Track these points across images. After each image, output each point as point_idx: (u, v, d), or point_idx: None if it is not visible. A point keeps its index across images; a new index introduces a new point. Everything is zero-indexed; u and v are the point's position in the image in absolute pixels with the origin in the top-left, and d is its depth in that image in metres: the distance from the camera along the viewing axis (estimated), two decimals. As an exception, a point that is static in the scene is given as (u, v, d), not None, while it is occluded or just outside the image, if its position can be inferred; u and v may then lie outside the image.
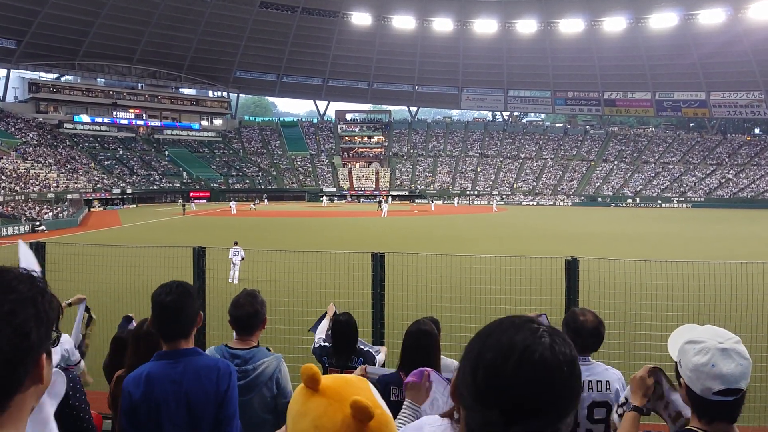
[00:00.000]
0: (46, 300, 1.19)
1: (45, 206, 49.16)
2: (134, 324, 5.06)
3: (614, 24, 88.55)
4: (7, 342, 1.06)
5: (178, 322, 2.88)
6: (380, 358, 5.34)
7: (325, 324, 5.38)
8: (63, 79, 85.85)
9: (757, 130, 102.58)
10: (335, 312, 5.26)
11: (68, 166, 70.26)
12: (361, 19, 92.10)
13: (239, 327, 3.64)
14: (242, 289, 3.79)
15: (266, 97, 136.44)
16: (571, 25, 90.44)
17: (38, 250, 7.94)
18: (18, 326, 1.08)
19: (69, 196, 57.02)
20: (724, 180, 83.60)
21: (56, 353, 4.56)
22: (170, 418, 2.76)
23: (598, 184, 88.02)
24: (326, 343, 5.23)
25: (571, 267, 6.51)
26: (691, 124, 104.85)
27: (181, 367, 2.81)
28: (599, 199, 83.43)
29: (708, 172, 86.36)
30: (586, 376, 3.46)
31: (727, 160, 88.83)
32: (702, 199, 78.55)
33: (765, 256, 20.71)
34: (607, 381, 3.51)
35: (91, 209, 60.83)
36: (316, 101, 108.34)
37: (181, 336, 2.89)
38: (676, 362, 1.94)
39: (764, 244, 28.36)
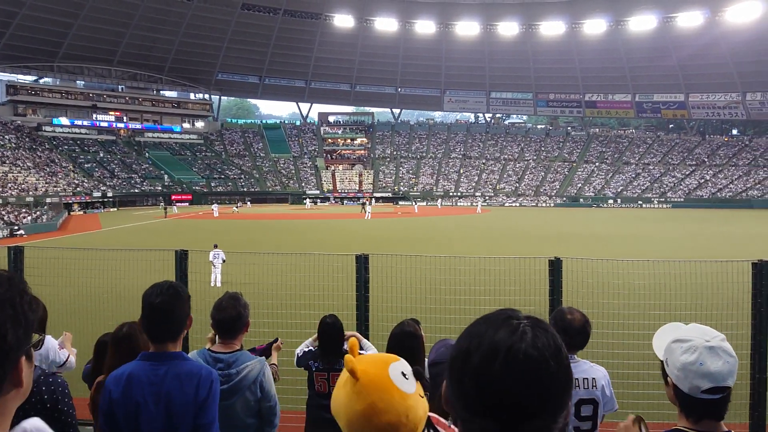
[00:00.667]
0: (24, 301, 1.15)
1: (24, 210, 48.46)
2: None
3: (594, 26, 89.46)
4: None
5: (166, 324, 2.84)
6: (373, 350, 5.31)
7: (308, 342, 5.36)
8: (42, 81, 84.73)
9: (734, 131, 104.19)
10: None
11: (47, 169, 69.35)
12: (343, 21, 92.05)
13: (222, 330, 3.60)
14: (225, 292, 3.76)
15: (248, 100, 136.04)
16: (552, 28, 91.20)
17: (16, 254, 7.82)
18: None
19: (48, 200, 56.28)
20: (703, 180, 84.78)
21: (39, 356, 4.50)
22: (149, 420, 2.72)
23: (580, 185, 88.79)
24: (311, 348, 5.20)
25: (555, 267, 6.53)
26: (671, 126, 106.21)
27: (164, 370, 2.78)
28: (581, 200, 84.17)
29: (687, 173, 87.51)
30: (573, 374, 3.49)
31: (705, 160, 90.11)
32: (681, 200, 79.58)
33: (743, 255, 21.03)
34: (593, 378, 3.54)
35: (71, 213, 60.06)
36: (299, 103, 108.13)
37: (168, 338, 2.85)
38: (662, 361, 1.93)
39: (742, 243, 28.78)
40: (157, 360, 2.82)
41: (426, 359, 3.86)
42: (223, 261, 16.55)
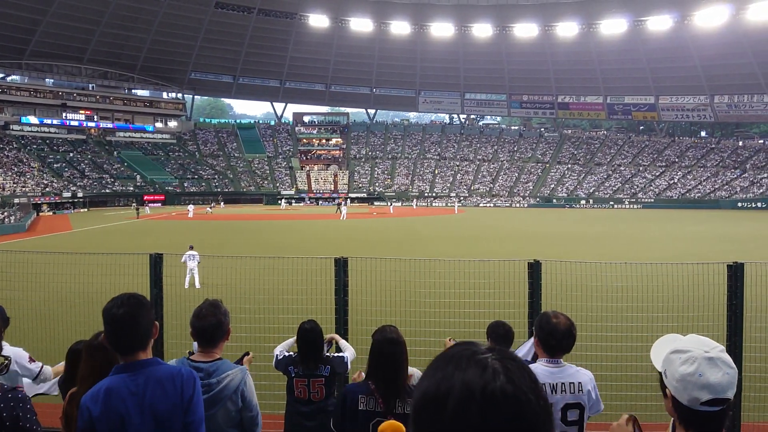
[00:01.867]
0: None
1: (-10, 211, 47.32)
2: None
3: (567, 29, 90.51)
4: None
5: (133, 334, 2.76)
6: (347, 355, 5.25)
7: (289, 342, 5.29)
8: (9, 79, 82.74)
9: (703, 133, 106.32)
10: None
11: (15, 169, 67.83)
12: (318, 21, 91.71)
13: (202, 339, 3.51)
14: (204, 300, 3.67)
15: (222, 99, 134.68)
16: (525, 30, 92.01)
17: (-16, 258, 7.59)
18: None
19: (16, 200, 55.04)
20: (672, 181, 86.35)
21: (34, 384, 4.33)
22: (136, 431, 2.64)
23: (553, 185, 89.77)
24: (290, 353, 5.13)
25: (534, 270, 6.55)
26: (641, 127, 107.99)
27: (142, 378, 2.70)
28: (554, 200, 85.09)
29: (657, 174, 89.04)
30: (558, 379, 3.49)
31: (675, 162, 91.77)
32: (652, 200, 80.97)
33: (715, 255, 21.43)
34: (579, 382, 3.53)
35: (40, 213, 58.80)
36: (274, 103, 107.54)
37: (138, 348, 2.78)
38: (660, 372, 1.90)
39: (713, 243, 29.33)
40: (131, 370, 2.74)
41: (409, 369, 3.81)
42: (198, 262, 16.41)
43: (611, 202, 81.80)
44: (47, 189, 66.35)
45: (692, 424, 1.81)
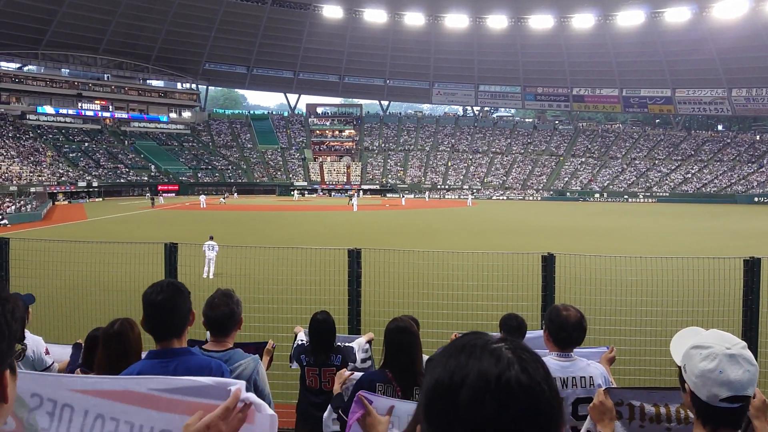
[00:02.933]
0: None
1: (7, 199, 47.85)
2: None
3: (583, 21, 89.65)
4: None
5: (169, 321, 2.81)
6: (361, 341, 5.29)
7: (301, 335, 5.34)
8: (26, 68, 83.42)
9: (720, 127, 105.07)
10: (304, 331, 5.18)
11: (31, 158, 68.49)
12: (332, 12, 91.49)
13: (214, 328, 3.55)
14: (216, 289, 3.70)
15: (236, 90, 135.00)
16: (540, 22, 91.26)
17: (2, 246, 7.69)
18: None
19: (32, 189, 55.61)
20: (688, 175, 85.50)
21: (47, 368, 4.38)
22: None
23: (567, 178, 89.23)
24: (303, 341, 5.17)
25: (548, 263, 6.54)
26: (657, 121, 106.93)
27: (173, 366, 2.74)
28: (567, 193, 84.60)
29: (673, 168, 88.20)
30: (569, 373, 3.47)
31: (691, 155, 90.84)
32: (667, 194, 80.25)
33: (730, 250, 21.23)
34: (590, 376, 3.51)
35: (56, 203, 59.41)
36: (287, 94, 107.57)
37: (173, 335, 2.83)
38: (679, 367, 1.89)
39: (729, 238, 29.04)
40: (165, 357, 2.79)
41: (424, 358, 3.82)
42: (216, 253, 16.61)
43: (625, 196, 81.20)
44: (63, 178, 66.98)
45: (710, 420, 1.79)
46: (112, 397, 1.78)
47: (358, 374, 4.16)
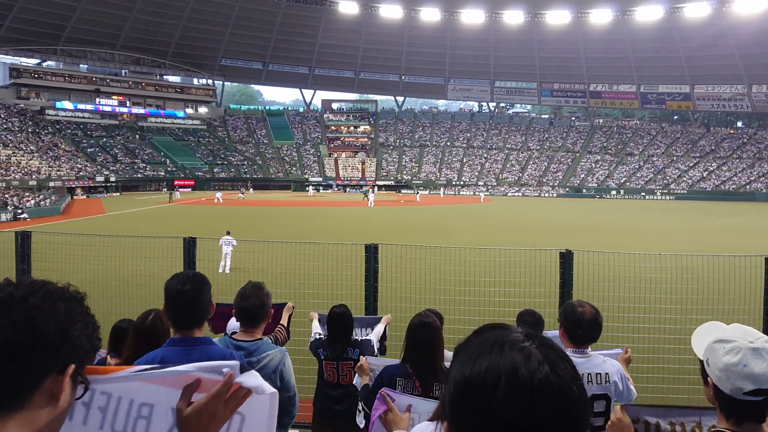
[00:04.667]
0: (91, 321, 1.17)
1: (27, 194, 48.48)
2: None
3: (600, 16, 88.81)
4: (52, 328, 1.02)
5: (194, 311, 2.90)
6: (379, 330, 5.34)
7: (315, 324, 5.40)
8: (45, 64, 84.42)
9: (739, 124, 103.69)
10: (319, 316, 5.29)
11: (50, 153, 69.30)
12: (348, 7, 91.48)
13: (245, 319, 3.65)
14: (248, 281, 3.79)
15: (252, 86, 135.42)
16: (557, 17, 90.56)
17: (24, 239, 7.81)
18: (61, 323, 1.04)
19: (51, 184, 56.29)
20: (706, 173, 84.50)
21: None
22: None
23: (583, 175, 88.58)
24: (320, 335, 5.20)
25: (566, 259, 6.51)
26: (675, 117, 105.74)
27: (195, 354, 2.80)
28: (584, 190, 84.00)
29: (691, 165, 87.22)
30: (585, 369, 3.47)
31: (710, 152, 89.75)
32: (685, 191, 79.38)
33: (750, 248, 20.98)
34: (606, 373, 3.52)
35: (74, 197, 60.10)
36: (302, 90, 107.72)
37: (194, 325, 2.91)
38: (702, 361, 1.89)
39: (748, 236, 28.72)
40: (186, 344, 2.85)
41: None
42: (233, 248, 16.72)
43: (643, 193, 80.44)
44: (81, 173, 67.69)
45: (734, 413, 1.80)
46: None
47: (374, 360, 4.20)
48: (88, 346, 1.16)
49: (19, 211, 40.56)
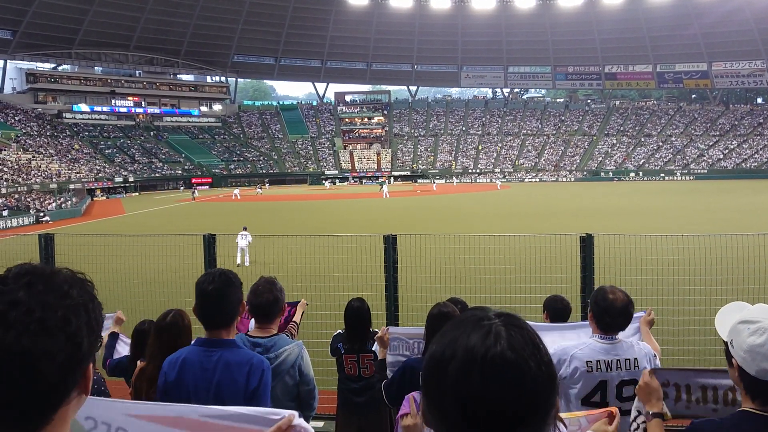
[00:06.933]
0: (96, 306, 1.12)
1: (48, 197, 49.15)
2: (121, 342, 5.07)
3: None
4: (60, 351, 0.99)
5: (219, 311, 2.87)
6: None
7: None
8: (60, 68, 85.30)
9: (759, 100, 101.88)
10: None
11: (69, 156, 70.13)
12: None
13: (259, 315, 3.61)
14: (260, 277, 3.74)
15: (265, 81, 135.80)
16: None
17: (47, 242, 7.90)
18: (72, 334, 1.02)
19: (71, 186, 56.97)
20: (727, 151, 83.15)
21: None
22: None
23: (601, 158, 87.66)
24: (339, 330, 5.21)
25: (587, 244, 6.43)
26: (693, 96, 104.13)
27: (216, 357, 2.81)
28: (602, 174, 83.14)
29: (711, 144, 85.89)
30: (613, 356, 3.42)
31: (729, 131, 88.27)
32: (705, 171, 78.25)
33: (773, 226, 20.62)
34: (635, 359, 3.46)
35: (94, 198, 60.83)
36: (315, 83, 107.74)
37: (221, 326, 2.89)
38: (726, 342, 1.85)
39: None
40: (210, 346, 2.85)
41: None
42: (249, 243, 16.95)
43: (662, 174, 79.43)
44: (100, 174, 68.45)
45: (760, 394, 1.77)
46: (165, 423, 1.84)
47: (398, 330, 4.22)
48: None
49: (41, 214, 41.11)
